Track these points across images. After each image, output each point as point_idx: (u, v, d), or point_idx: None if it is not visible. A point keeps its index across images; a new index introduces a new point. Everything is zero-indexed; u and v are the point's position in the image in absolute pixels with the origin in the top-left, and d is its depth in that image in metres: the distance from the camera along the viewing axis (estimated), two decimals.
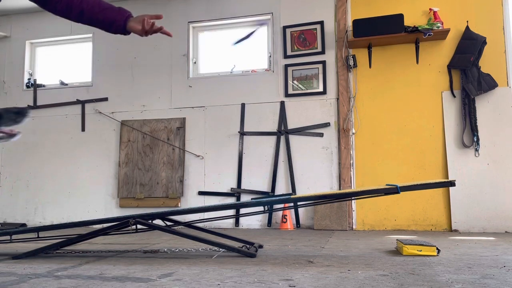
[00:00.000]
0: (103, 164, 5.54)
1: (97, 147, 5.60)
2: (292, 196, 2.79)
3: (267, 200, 2.82)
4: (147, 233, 4.25)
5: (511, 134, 4.37)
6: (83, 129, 5.67)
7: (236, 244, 2.97)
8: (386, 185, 2.80)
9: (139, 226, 2.81)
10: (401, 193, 2.93)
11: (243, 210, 4.90)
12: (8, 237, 2.99)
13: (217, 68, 5.47)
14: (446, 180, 2.71)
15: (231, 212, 4.97)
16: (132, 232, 2.84)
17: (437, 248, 2.74)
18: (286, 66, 5.08)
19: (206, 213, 4.99)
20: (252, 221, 4.95)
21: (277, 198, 2.86)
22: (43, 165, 5.74)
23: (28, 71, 6.07)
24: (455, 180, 2.70)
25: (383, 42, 4.73)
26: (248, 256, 2.71)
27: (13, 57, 6.07)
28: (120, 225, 2.79)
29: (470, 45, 4.48)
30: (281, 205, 4.78)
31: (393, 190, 2.64)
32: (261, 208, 3.00)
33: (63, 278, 2.10)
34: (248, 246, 3.01)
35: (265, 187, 4.98)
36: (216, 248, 2.89)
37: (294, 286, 1.86)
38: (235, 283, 1.93)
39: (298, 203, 4.32)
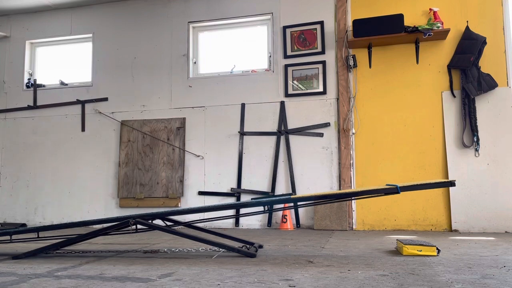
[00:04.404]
0: (103, 164, 5.54)
1: (97, 147, 5.61)
2: (292, 196, 2.79)
3: (267, 200, 2.82)
4: (147, 233, 4.25)
5: (511, 134, 4.37)
6: (83, 129, 5.67)
7: (236, 244, 2.97)
8: (386, 185, 2.80)
9: (139, 226, 2.81)
10: (401, 193, 2.92)
11: (243, 210, 4.91)
12: (8, 237, 2.99)
13: (217, 68, 5.47)
14: (446, 180, 2.70)
15: (231, 212, 4.97)
16: (132, 232, 2.84)
17: (437, 248, 2.74)
18: (286, 66, 5.08)
19: (206, 213, 5.00)
20: (252, 221, 4.95)
21: (277, 198, 2.86)
22: (43, 165, 5.74)
23: (28, 71, 6.08)
24: (455, 180, 2.69)
25: (383, 42, 4.73)
26: (248, 256, 2.71)
27: (13, 57, 6.08)
28: (120, 225, 2.79)
29: (470, 45, 4.48)
30: (281, 205, 4.78)
31: (393, 190, 2.64)
32: (261, 208, 3.00)
33: (63, 278, 2.10)
34: (248, 246, 3.01)
35: (265, 187, 4.98)
36: (216, 248, 2.89)
37: (294, 286, 1.86)
38: (235, 283, 1.93)
39: (298, 203, 4.33)
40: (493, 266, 2.31)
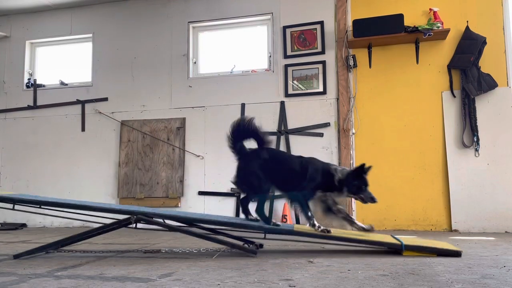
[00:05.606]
0: (103, 164, 5.53)
1: (97, 147, 5.60)
2: (295, 229, 2.87)
3: (268, 227, 2.88)
4: (147, 233, 4.25)
5: (511, 134, 4.37)
6: (83, 129, 5.67)
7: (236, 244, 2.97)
8: (391, 236, 2.84)
9: (140, 226, 2.81)
10: (401, 194, 2.90)
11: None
12: (11, 205, 2.94)
13: (217, 68, 5.47)
14: (453, 248, 2.72)
15: (231, 213, 4.97)
16: (134, 228, 2.83)
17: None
18: (286, 66, 5.08)
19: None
20: None
21: (279, 228, 2.92)
22: (43, 165, 5.74)
23: (28, 71, 6.07)
24: (461, 251, 2.66)
25: (383, 42, 4.72)
26: (250, 253, 2.72)
27: (13, 57, 6.07)
28: (121, 221, 2.79)
29: (470, 45, 4.47)
30: (281, 210, 4.79)
31: (396, 246, 2.72)
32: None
33: (63, 278, 2.10)
34: (248, 244, 3.01)
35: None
36: (216, 248, 2.89)
37: (294, 286, 1.86)
38: (235, 283, 1.93)
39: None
40: (493, 266, 2.31)
